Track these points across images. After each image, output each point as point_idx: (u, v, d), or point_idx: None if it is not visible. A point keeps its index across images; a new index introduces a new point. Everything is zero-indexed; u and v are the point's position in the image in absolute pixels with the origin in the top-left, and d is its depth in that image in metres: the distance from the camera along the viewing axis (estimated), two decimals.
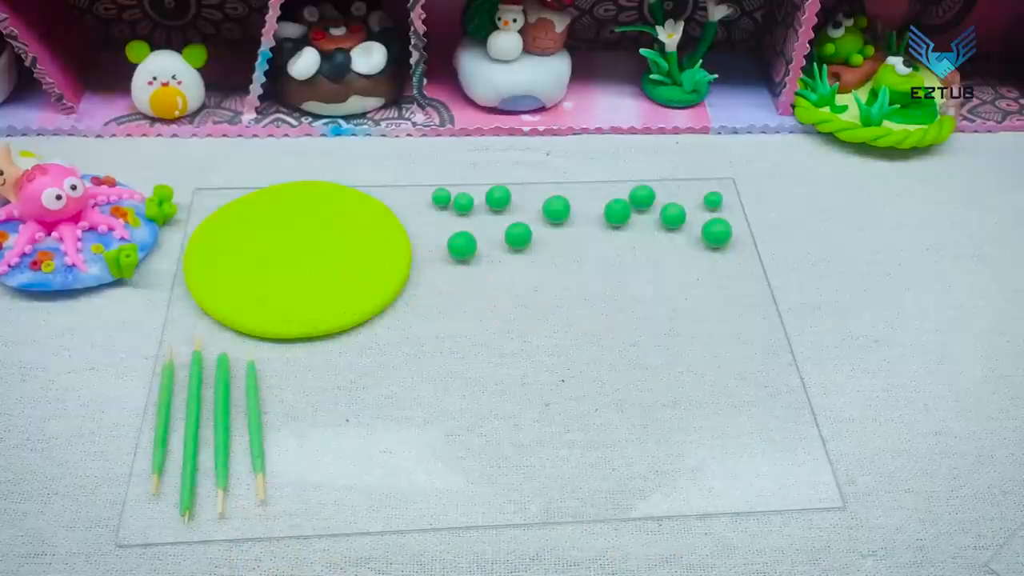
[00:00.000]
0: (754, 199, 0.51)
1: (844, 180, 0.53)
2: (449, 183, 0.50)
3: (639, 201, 0.49)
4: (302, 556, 0.34)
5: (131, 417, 0.39)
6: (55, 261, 0.43)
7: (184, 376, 0.40)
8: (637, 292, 0.45)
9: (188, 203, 0.49)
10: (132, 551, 0.34)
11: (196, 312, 0.43)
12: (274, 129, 0.54)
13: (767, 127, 0.56)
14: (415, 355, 0.42)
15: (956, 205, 0.51)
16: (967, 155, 0.55)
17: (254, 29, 0.53)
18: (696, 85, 0.55)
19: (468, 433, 0.39)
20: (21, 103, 0.54)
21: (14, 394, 0.39)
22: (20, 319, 0.42)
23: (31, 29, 0.50)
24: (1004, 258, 0.48)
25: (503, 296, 0.45)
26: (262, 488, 0.36)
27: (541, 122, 0.55)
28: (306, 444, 0.38)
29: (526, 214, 0.49)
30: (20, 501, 0.36)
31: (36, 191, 0.43)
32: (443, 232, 0.46)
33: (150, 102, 0.52)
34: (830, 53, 0.56)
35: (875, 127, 0.53)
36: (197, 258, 0.45)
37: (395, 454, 0.38)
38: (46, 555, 0.34)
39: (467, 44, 0.55)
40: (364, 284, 0.44)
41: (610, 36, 0.61)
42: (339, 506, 0.36)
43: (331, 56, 0.52)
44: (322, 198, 0.48)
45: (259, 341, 0.42)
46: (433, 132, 0.54)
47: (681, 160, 0.53)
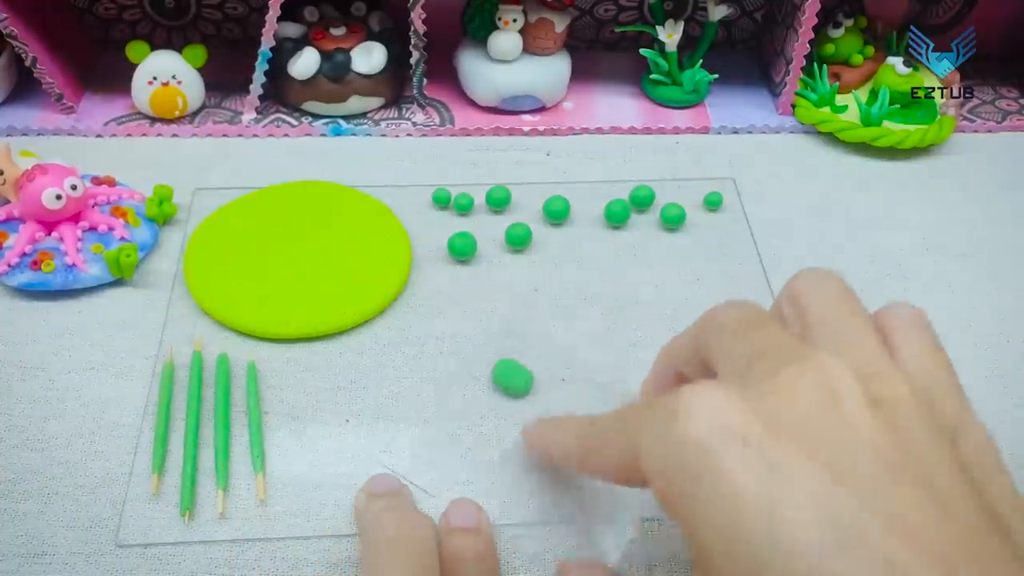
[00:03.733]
0: (754, 199, 0.51)
1: (844, 180, 0.53)
2: (449, 183, 0.50)
3: (639, 201, 0.49)
4: (302, 556, 0.34)
5: (131, 417, 0.39)
6: (55, 261, 0.43)
7: (184, 376, 0.40)
8: (637, 292, 0.45)
9: (188, 203, 0.49)
10: (132, 551, 0.34)
11: (196, 312, 0.43)
12: (274, 129, 0.54)
13: (767, 127, 0.56)
14: (415, 355, 0.42)
15: (956, 205, 0.51)
16: (967, 155, 0.55)
17: (254, 29, 0.53)
18: (696, 85, 0.55)
19: (468, 433, 0.39)
20: (21, 103, 0.54)
21: (14, 394, 0.39)
22: (20, 319, 0.42)
23: (31, 29, 0.50)
24: (1004, 258, 0.48)
25: (503, 296, 0.45)
26: (262, 488, 0.36)
27: (541, 122, 0.55)
28: (306, 444, 0.38)
29: (526, 214, 0.49)
30: (20, 501, 0.36)
31: (36, 191, 0.43)
32: (443, 232, 0.46)
33: (150, 102, 0.52)
34: (830, 53, 0.56)
35: (875, 127, 0.53)
36: (197, 258, 0.45)
37: (395, 454, 0.38)
38: (46, 555, 0.34)
39: (467, 44, 0.55)
40: (364, 284, 0.44)
41: (610, 36, 0.61)
42: (339, 506, 0.36)
43: (331, 56, 0.52)
44: (322, 198, 0.48)
45: (259, 341, 0.42)
46: (433, 132, 0.54)
47: (681, 160, 0.53)
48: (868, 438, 0.22)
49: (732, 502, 0.21)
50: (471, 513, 0.33)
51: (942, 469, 0.22)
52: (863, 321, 0.25)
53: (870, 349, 0.24)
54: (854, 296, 0.26)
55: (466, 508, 0.34)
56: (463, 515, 0.33)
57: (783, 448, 0.21)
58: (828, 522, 0.20)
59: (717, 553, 0.22)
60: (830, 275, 0.27)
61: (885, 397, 0.23)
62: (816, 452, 0.21)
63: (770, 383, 0.23)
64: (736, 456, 0.22)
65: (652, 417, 0.25)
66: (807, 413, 0.22)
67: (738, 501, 0.21)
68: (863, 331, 0.25)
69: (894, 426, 0.22)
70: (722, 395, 0.23)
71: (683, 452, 0.23)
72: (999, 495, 0.22)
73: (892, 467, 0.21)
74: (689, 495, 0.22)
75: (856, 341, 0.25)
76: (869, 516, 0.20)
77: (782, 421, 0.22)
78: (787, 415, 0.22)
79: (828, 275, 0.27)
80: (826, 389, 0.22)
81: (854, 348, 0.24)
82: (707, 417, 0.23)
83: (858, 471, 0.21)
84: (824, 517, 0.20)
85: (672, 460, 0.23)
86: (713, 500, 0.22)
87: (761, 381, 0.23)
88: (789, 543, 0.20)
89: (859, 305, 0.26)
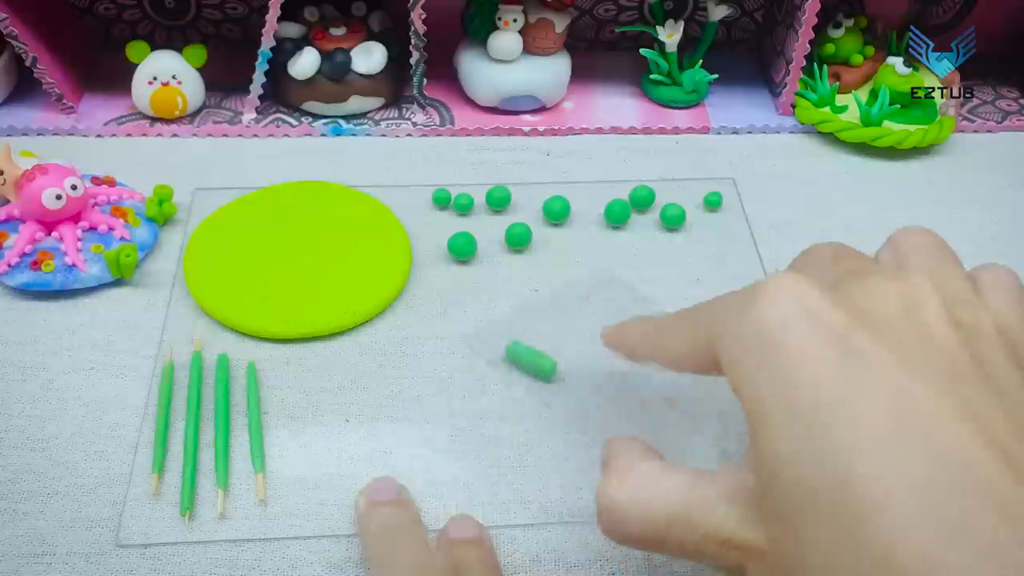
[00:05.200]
0: (754, 199, 0.51)
1: (844, 180, 0.53)
2: (449, 183, 0.50)
3: (639, 201, 0.49)
4: (302, 556, 0.34)
5: (131, 417, 0.39)
6: (55, 261, 0.43)
7: (184, 376, 0.40)
8: (637, 292, 0.45)
9: (188, 203, 0.49)
10: (132, 551, 0.34)
11: (196, 312, 0.43)
12: (274, 129, 0.54)
13: (767, 127, 0.56)
14: (415, 355, 0.42)
15: (956, 205, 0.51)
16: (967, 155, 0.55)
17: (254, 29, 0.53)
18: (696, 85, 0.55)
19: (468, 433, 0.39)
20: (21, 103, 0.54)
21: (14, 394, 0.39)
22: (20, 319, 0.42)
23: (31, 29, 0.50)
24: (1004, 258, 0.47)
25: (503, 296, 0.45)
26: (262, 488, 0.36)
27: (541, 122, 0.55)
28: (306, 444, 0.38)
29: (526, 214, 0.49)
30: (20, 501, 0.36)
31: (36, 191, 0.43)
32: (443, 232, 0.46)
33: (150, 102, 0.52)
34: (830, 53, 0.56)
35: (875, 127, 0.53)
36: (197, 258, 0.45)
37: (395, 454, 0.38)
38: (46, 555, 0.34)
39: (467, 44, 0.55)
40: (364, 284, 0.44)
41: (610, 36, 0.61)
42: (339, 506, 0.36)
43: (331, 56, 0.52)
44: (322, 198, 0.48)
45: (259, 341, 0.42)
46: (433, 132, 0.54)
47: (681, 160, 0.53)
48: (947, 346, 0.22)
49: (803, 379, 0.22)
50: (470, 524, 0.34)
51: (1013, 384, 0.22)
52: (957, 266, 0.26)
53: (960, 284, 0.25)
54: (951, 250, 0.27)
55: (464, 520, 0.34)
56: (463, 527, 0.34)
57: (861, 336, 0.22)
58: (897, 404, 0.20)
59: (777, 433, 0.22)
60: (927, 231, 0.28)
61: (967, 321, 0.23)
62: (895, 348, 0.22)
63: (859, 286, 0.24)
64: (813, 336, 0.22)
65: (730, 301, 0.25)
66: (891, 315, 0.23)
67: (809, 378, 0.21)
68: (957, 271, 0.26)
69: (972, 344, 0.23)
70: (807, 283, 0.23)
71: (760, 330, 0.23)
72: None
73: (966, 373, 0.22)
74: (760, 374, 0.23)
75: (949, 276, 0.25)
76: (937, 403, 0.20)
77: (865, 316, 0.23)
78: (871, 313, 0.23)
79: (926, 231, 0.28)
80: (913, 300, 0.23)
81: (946, 280, 0.25)
82: (790, 299, 0.23)
83: (934, 368, 0.21)
84: (893, 399, 0.21)
85: (747, 339, 0.23)
86: (782, 378, 0.22)
87: (852, 284, 0.24)
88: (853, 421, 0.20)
89: (954, 256, 0.27)
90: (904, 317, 0.23)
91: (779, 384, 0.22)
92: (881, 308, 0.23)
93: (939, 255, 0.27)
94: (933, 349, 0.22)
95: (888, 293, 0.23)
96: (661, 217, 0.48)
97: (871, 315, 0.23)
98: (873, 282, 0.24)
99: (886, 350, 0.22)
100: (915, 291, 0.23)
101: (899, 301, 0.23)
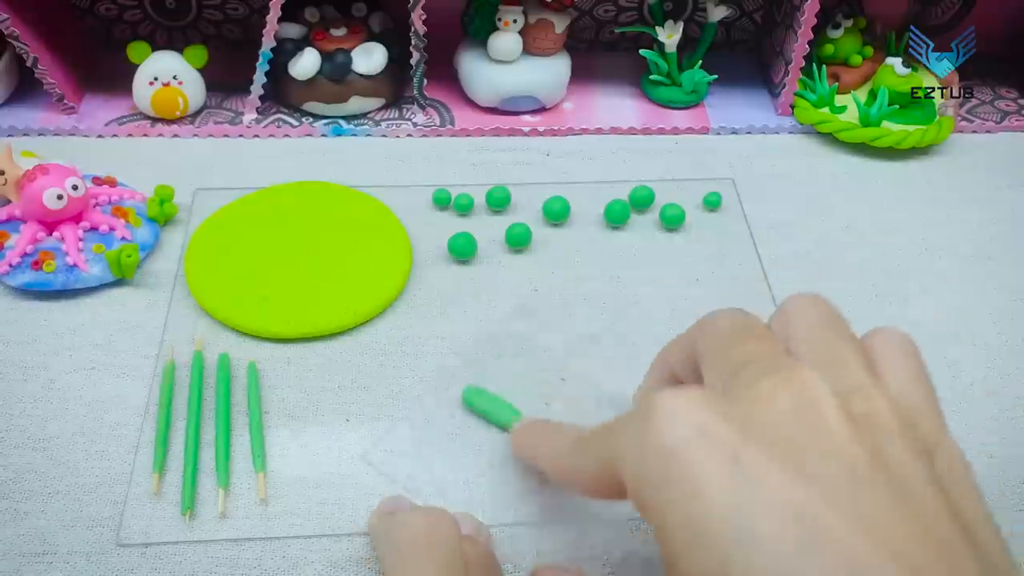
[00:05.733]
0: (754, 199, 0.51)
1: (844, 180, 0.53)
2: (449, 183, 0.50)
3: (639, 201, 0.49)
4: (303, 555, 0.34)
5: (132, 416, 0.39)
6: (56, 261, 0.43)
7: (185, 376, 0.40)
8: (637, 292, 0.45)
9: (189, 203, 0.49)
10: (133, 550, 0.34)
11: (197, 312, 0.43)
12: (275, 129, 0.54)
13: (767, 127, 0.56)
14: (415, 355, 0.42)
15: (956, 205, 0.51)
16: (967, 155, 0.55)
17: (255, 30, 0.53)
18: (696, 85, 0.56)
19: (468, 433, 0.39)
20: (22, 103, 0.54)
21: (15, 394, 0.40)
22: (21, 319, 0.43)
23: (32, 30, 0.50)
24: (1004, 258, 0.48)
25: (503, 296, 0.45)
26: (263, 487, 0.36)
27: (541, 122, 0.55)
28: (307, 444, 0.38)
29: (526, 214, 0.49)
30: (21, 500, 0.36)
31: (37, 191, 0.43)
32: (443, 232, 0.47)
33: (151, 102, 0.52)
34: (829, 54, 0.56)
35: (874, 127, 0.53)
36: (198, 258, 0.45)
37: (395, 454, 0.38)
38: (47, 554, 0.34)
39: (467, 45, 0.55)
40: (364, 284, 0.44)
41: (610, 37, 0.61)
42: (340, 505, 0.36)
43: (332, 56, 0.52)
44: (322, 198, 0.48)
45: (260, 341, 0.42)
46: (433, 132, 0.54)
47: (681, 160, 0.53)
48: (842, 446, 0.22)
49: (700, 504, 0.21)
50: (468, 522, 0.34)
51: (915, 481, 0.22)
52: (849, 343, 0.26)
53: (853, 369, 0.24)
54: (841, 320, 0.27)
55: (464, 518, 0.34)
56: (462, 525, 0.33)
57: (754, 451, 0.22)
58: (793, 522, 0.20)
59: (685, 557, 0.22)
60: (818, 299, 0.27)
61: (863, 411, 0.23)
62: (787, 457, 0.21)
63: (749, 390, 0.23)
64: (706, 459, 0.22)
65: (629, 423, 0.25)
66: (782, 421, 0.22)
67: (706, 502, 0.21)
68: (848, 352, 0.25)
69: (870, 438, 0.22)
70: (697, 399, 0.23)
71: (655, 456, 0.23)
72: (971, 511, 0.22)
73: (864, 474, 0.21)
74: (662, 499, 0.22)
75: (840, 361, 0.25)
76: (835, 516, 0.20)
77: (756, 426, 0.22)
78: (762, 421, 0.22)
79: (816, 299, 0.27)
80: (804, 399, 0.23)
81: (837, 367, 0.24)
82: (680, 421, 0.23)
83: (828, 475, 0.21)
84: (789, 518, 0.20)
85: (646, 465, 0.23)
86: (682, 503, 0.22)
87: (741, 388, 0.24)
88: (753, 543, 0.20)
89: (846, 329, 0.26)
90: (796, 419, 0.22)
91: (682, 513, 0.22)
92: (773, 414, 0.22)
93: (828, 331, 0.26)
94: (829, 450, 0.21)
95: (780, 397, 0.23)
96: (661, 217, 0.48)
97: (763, 423, 0.22)
98: (765, 386, 0.23)
99: (779, 466, 0.21)
100: (805, 388, 0.23)
101: (790, 401, 0.23)
